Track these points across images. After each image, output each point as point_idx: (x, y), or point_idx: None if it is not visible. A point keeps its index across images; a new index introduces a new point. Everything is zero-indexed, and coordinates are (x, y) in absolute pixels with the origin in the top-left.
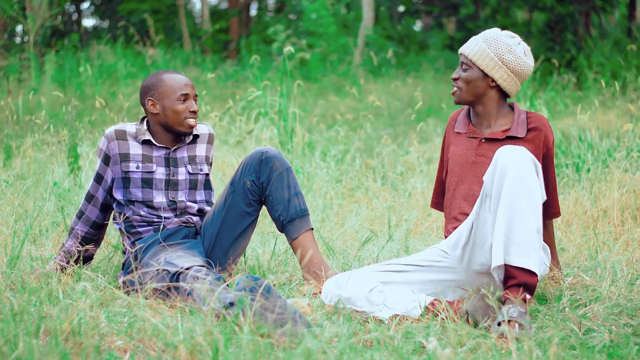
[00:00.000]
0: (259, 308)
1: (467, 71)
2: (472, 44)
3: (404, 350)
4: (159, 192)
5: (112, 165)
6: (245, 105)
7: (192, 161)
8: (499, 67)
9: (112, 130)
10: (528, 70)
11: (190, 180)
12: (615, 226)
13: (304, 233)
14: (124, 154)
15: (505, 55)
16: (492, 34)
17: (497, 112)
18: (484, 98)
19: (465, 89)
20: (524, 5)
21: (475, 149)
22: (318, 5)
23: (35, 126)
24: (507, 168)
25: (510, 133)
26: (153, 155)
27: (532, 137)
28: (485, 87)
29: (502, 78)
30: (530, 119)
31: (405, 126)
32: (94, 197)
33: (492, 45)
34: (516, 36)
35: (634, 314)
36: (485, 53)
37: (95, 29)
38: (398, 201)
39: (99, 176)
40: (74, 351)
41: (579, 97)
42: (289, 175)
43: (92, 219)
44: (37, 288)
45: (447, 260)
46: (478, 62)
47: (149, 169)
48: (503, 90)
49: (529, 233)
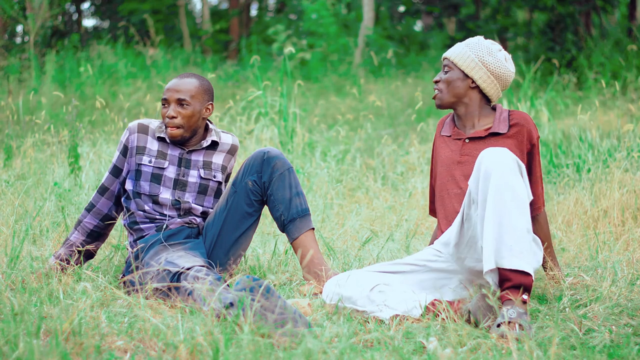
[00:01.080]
0: (260, 308)
1: (448, 73)
2: (456, 48)
3: (404, 350)
4: (166, 189)
5: (129, 158)
6: (246, 106)
7: (207, 167)
8: (479, 67)
9: (135, 124)
10: (509, 74)
11: (200, 184)
12: (615, 226)
13: (305, 233)
14: (141, 147)
15: (485, 57)
16: (475, 39)
17: (479, 113)
18: (464, 99)
19: (445, 90)
20: (525, 5)
21: (460, 149)
22: (318, 6)
23: (36, 126)
24: (490, 171)
25: (492, 130)
26: (168, 153)
27: (515, 133)
28: (466, 88)
29: (482, 79)
30: (511, 115)
31: (406, 126)
32: (109, 190)
33: (474, 48)
34: (498, 44)
35: (634, 314)
36: (466, 54)
37: (96, 29)
38: (398, 201)
39: (117, 168)
40: (74, 351)
41: (580, 97)
42: (290, 175)
43: (104, 212)
44: (38, 288)
45: (442, 258)
46: (459, 62)
47: (160, 165)
48: (484, 93)
49: (519, 234)
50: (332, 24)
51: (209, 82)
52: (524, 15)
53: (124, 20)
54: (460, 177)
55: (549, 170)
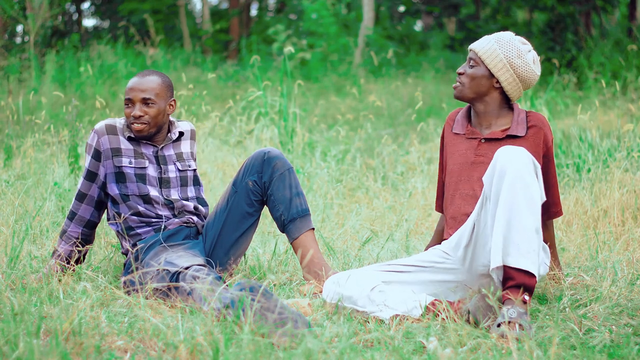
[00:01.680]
0: (259, 308)
1: (473, 67)
2: (484, 42)
3: (404, 350)
4: (153, 188)
5: (103, 161)
6: (246, 105)
7: (180, 158)
8: (506, 69)
9: (102, 125)
10: (534, 78)
11: (180, 177)
12: (615, 226)
13: (305, 233)
14: (115, 149)
15: (514, 59)
16: (506, 37)
17: (497, 113)
18: (486, 98)
19: (468, 85)
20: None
21: (475, 149)
22: (318, 5)
23: (36, 126)
24: (505, 169)
25: (510, 132)
26: (143, 151)
27: (532, 135)
28: (489, 87)
29: (507, 81)
30: (529, 117)
31: (406, 126)
32: (87, 196)
33: (504, 47)
34: (528, 44)
35: (634, 314)
36: (495, 53)
37: (96, 29)
38: (398, 201)
39: (91, 173)
40: (74, 351)
41: (580, 97)
42: (290, 175)
43: (87, 218)
44: (38, 288)
45: (449, 261)
46: (487, 60)
47: (141, 165)
48: (506, 93)
49: (527, 234)
50: (332, 23)
51: (169, 78)
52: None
53: (124, 20)
54: (472, 179)
55: None
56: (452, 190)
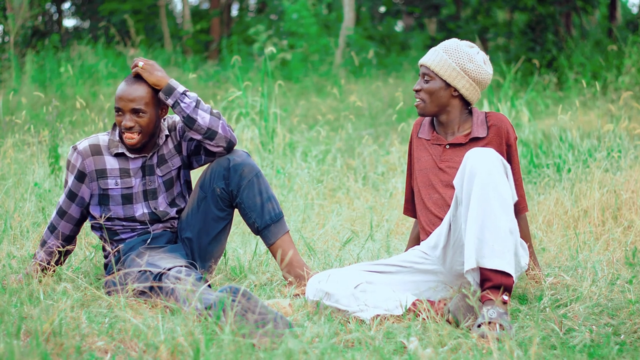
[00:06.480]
0: (240, 309)
1: (429, 82)
2: (433, 55)
3: (385, 350)
4: (139, 205)
5: (88, 183)
6: (227, 106)
7: (162, 162)
8: (461, 76)
9: (86, 146)
10: (488, 78)
11: (164, 182)
12: (595, 226)
13: (281, 237)
14: (100, 170)
15: (466, 65)
16: (452, 45)
17: (459, 119)
18: (447, 108)
19: (429, 100)
20: (505, 6)
21: (440, 155)
22: (299, 6)
23: (16, 126)
24: (475, 170)
25: (472, 135)
26: (130, 167)
27: (494, 135)
28: (448, 96)
29: (464, 87)
30: (488, 117)
31: (387, 126)
32: (67, 214)
33: (453, 55)
34: (475, 45)
35: (614, 314)
36: (447, 63)
37: (76, 29)
38: (379, 201)
39: (72, 193)
40: (54, 352)
41: (560, 97)
42: (259, 180)
43: (66, 234)
44: (18, 289)
45: (428, 261)
46: (440, 72)
47: (128, 185)
48: (465, 98)
49: (501, 234)
50: (312, 24)
51: None
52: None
53: (105, 21)
54: (439, 184)
55: (529, 170)
56: (422, 197)
